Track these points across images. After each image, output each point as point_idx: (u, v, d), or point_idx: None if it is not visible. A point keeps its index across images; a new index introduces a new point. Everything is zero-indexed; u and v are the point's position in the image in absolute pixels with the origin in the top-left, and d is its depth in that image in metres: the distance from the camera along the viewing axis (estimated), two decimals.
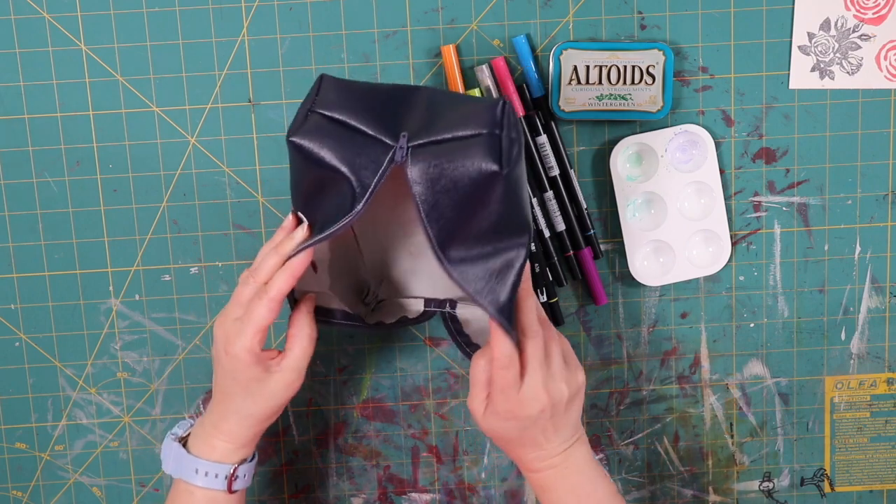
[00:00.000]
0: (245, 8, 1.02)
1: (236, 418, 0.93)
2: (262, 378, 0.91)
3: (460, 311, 1.03)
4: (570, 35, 1.03)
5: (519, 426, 0.91)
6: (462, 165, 0.83)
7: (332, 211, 0.87)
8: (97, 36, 1.02)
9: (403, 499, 1.12)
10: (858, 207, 1.07)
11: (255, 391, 0.91)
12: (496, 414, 0.90)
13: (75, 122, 1.03)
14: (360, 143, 0.85)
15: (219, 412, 0.94)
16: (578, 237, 1.06)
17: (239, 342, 0.89)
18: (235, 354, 0.90)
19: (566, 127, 1.05)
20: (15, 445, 1.10)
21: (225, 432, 0.93)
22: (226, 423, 0.93)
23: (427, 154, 0.84)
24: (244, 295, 0.90)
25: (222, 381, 0.92)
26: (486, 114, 0.86)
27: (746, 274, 1.08)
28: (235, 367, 0.90)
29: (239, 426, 0.93)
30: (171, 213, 1.05)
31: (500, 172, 0.83)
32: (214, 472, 0.93)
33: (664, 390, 1.10)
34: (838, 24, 1.03)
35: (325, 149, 0.85)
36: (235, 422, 0.93)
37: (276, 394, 0.92)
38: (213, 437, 0.94)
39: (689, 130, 1.04)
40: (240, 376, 0.91)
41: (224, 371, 0.91)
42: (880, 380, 1.11)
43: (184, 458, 0.94)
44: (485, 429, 0.93)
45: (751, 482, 1.12)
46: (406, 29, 1.03)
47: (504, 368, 0.88)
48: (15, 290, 1.06)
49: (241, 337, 0.89)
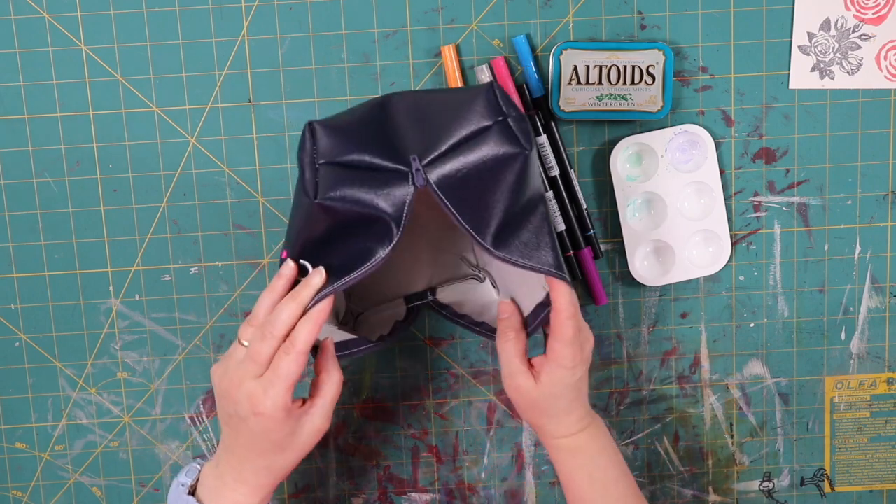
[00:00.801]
0: (245, 8, 1.02)
1: (266, 472, 0.90)
2: (295, 430, 0.89)
3: (442, 295, 1.03)
4: (570, 35, 1.03)
5: (577, 377, 0.94)
6: (483, 160, 0.84)
7: (353, 251, 0.85)
8: (97, 36, 1.02)
9: (403, 499, 1.12)
10: (858, 207, 1.07)
11: (287, 445, 0.89)
12: (562, 369, 0.93)
13: (75, 122, 1.03)
14: (380, 178, 0.83)
15: (245, 468, 0.90)
16: (578, 237, 1.06)
17: (270, 402, 0.86)
18: (269, 415, 0.86)
19: (566, 127, 1.05)
20: (15, 445, 1.10)
21: (252, 486, 0.90)
22: (255, 478, 0.90)
23: (443, 164, 0.83)
24: (264, 353, 0.87)
25: (250, 441, 0.89)
26: (482, 104, 0.86)
27: (746, 274, 1.08)
28: (268, 427, 0.87)
29: (269, 478, 0.90)
30: (171, 213, 1.05)
31: (523, 152, 0.84)
32: None
33: (664, 390, 1.10)
34: (838, 24, 1.03)
35: (353, 197, 0.83)
36: (266, 475, 0.90)
37: (307, 443, 0.90)
38: (236, 491, 0.91)
39: (689, 130, 1.04)
40: (274, 435, 0.88)
41: (252, 432, 0.88)
42: (880, 380, 1.11)
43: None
44: (537, 396, 0.94)
45: (751, 482, 1.12)
46: (406, 29, 1.03)
47: (572, 318, 0.91)
48: (15, 290, 1.06)
49: (272, 396, 0.86)
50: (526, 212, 0.88)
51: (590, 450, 0.97)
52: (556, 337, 0.92)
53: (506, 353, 0.96)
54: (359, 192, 0.83)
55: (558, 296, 0.91)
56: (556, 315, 0.92)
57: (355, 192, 0.83)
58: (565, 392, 0.94)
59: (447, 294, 1.03)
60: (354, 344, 0.99)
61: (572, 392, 0.95)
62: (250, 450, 0.89)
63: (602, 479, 0.96)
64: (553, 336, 0.92)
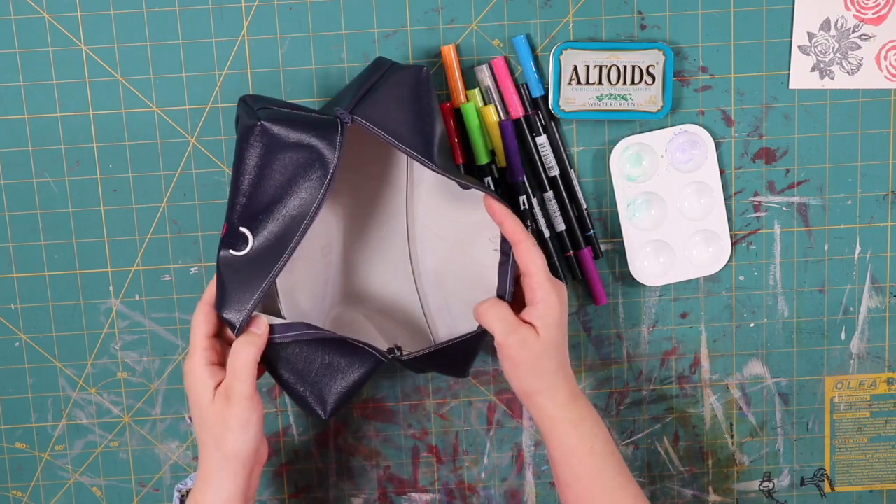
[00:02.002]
0: (245, 8, 1.02)
1: (222, 456, 0.91)
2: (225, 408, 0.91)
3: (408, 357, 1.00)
4: (570, 35, 1.03)
5: (566, 319, 0.96)
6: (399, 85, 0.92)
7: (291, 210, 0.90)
8: (97, 36, 1.02)
9: (403, 499, 1.12)
10: (858, 207, 1.07)
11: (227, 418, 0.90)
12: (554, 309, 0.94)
13: (75, 122, 1.03)
14: (313, 121, 0.90)
15: (208, 455, 0.92)
16: (578, 237, 1.06)
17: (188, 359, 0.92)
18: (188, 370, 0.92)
19: (566, 127, 1.05)
20: (15, 445, 1.10)
21: (224, 471, 0.91)
22: (220, 463, 0.91)
23: (363, 105, 0.91)
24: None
25: (199, 420, 0.91)
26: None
27: (746, 274, 1.08)
28: (195, 389, 0.91)
29: (236, 463, 0.91)
30: (171, 213, 1.05)
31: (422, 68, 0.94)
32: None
33: (664, 390, 1.10)
34: (838, 24, 1.03)
35: (293, 124, 0.89)
36: (225, 460, 0.91)
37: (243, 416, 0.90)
38: (212, 482, 0.91)
39: (689, 130, 1.04)
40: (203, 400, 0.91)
41: (193, 405, 0.92)
42: (880, 380, 1.11)
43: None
44: (541, 348, 0.94)
45: (751, 482, 1.12)
46: (406, 29, 1.03)
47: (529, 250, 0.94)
48: (15, 290, 1.06)
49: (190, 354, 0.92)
50: (443, 141, 0.96)
51: (590, 420, 0.96)
52: (533, 277, 0.94)
53: (495, 315, 0.95)
54: (296, 126, 0.89)
55: (509, 232, 0.95)
56: (520, 255, 0.95)
57: (292, 125, 0.89)
58: (563, 341, 0.96)
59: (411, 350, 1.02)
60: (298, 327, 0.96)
61: (564, 345, 0.96)
62: (202, 429, 0.91)
63: (602, 452, 0.96)
64: (529, 283, 0.94)
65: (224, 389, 0.90)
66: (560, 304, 0.95)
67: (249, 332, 0.90)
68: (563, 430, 0.96)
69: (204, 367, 0.90)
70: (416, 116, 0.93)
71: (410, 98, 0.93)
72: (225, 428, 0.89)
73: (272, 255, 0.90)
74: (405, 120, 0.92)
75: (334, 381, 0.96)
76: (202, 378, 0.90)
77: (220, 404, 0.89)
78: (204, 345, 0.91)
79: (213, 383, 0.90)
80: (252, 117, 0.89)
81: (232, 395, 0.89)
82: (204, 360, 0.91)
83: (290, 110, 0.91)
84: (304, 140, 0.89)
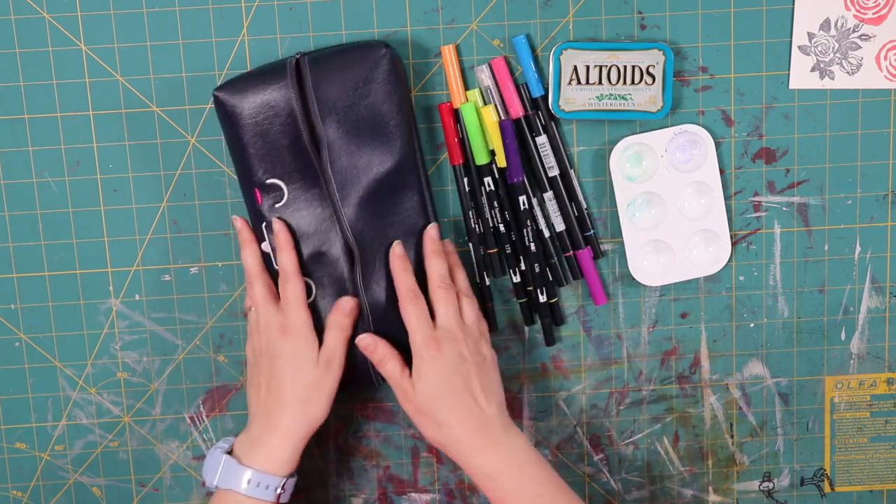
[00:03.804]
0: (245, 8, 1.02)
1: (301, 420, 0.97)
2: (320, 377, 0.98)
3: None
4: (570, 35, 1.03)
5: (450, 371, 0.96)
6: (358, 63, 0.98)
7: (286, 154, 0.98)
8: (97, 36, 1.02)
9: (403, 499, 1.12)
10: (858, 207, 1.07)
11: (318, 387, 0.98)
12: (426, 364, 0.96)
13: (75, 122, 1.03)
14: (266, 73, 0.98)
15: (277, 419, 0.97)
16: (578, 237, 1.06)
17: (294, 316, 0.97)
18: (297, 329, 0.97)
19: (566, 127, 1.05)
20: (15, 445, 1.10)
21: (284, 433, 0.96)
22: (290, 425, 0.97)
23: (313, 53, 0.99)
24: (260, 294, 1.00)
25: (283, 381, 0.97)
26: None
27: (746, 274, 1.08)
28: (299, 351, 0.97)
29: (303, 426, 0.97)
30: (171, 213, 1.05)
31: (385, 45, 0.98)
32: (266, 484, 0.95)
33: (664, 390, 1.10)
34: (838, 24, 1.03)
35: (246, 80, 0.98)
36: (300, 423, 0.97)
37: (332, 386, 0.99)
38: (269, 444, 0.96)
39: (689, 130, 1.04)
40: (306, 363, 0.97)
41: (285, 367, 0.97)
42: (880, 380, 1.11)
43: (233, 467, 0.95)
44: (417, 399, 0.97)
45: (751, 482, 1.12)
46: (406, 29, 1.03)
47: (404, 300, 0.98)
48: (15, 290, 1.06)
49: (292, 315, 0.98)
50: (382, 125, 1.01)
51: (507, 471, 0.95)
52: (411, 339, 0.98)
53: (388, 375, 1.00)
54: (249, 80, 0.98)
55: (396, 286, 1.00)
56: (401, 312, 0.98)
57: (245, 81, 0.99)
58: (443, 394, 0.96)
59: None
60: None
61: (452, 394, 0.96)
62: (282, 394, 0.96)
63: (529, 496, 0.95)
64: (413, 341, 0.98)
65: (325, 358, 0.97)
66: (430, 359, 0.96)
67: (343, 314, 0.99)
68: (481, 483, 0.96)
69: (312, 330, 0.98)
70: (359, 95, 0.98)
71: (363, 78, 0.98)
72: (319, 393, 0.97)
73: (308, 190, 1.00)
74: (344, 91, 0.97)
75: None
76: (312, 341, 0.97)
77: (322, 370, 0.97)
78: (306, 310, 0.98)
79: (316, 349, 0.98)
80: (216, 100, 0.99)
81: (332, 366, 0.97)
82: (309, 325, 0.98)
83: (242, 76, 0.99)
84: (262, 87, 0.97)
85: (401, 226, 1.01)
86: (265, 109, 0.97)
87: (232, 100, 0.98)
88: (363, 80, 0.97)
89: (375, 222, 1.00)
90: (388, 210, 1.00)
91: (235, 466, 0.95)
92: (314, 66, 0.97)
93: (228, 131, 0.99)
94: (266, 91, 0.97)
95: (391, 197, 1.00)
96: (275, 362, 0.97)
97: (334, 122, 0.98)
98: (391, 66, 0.98)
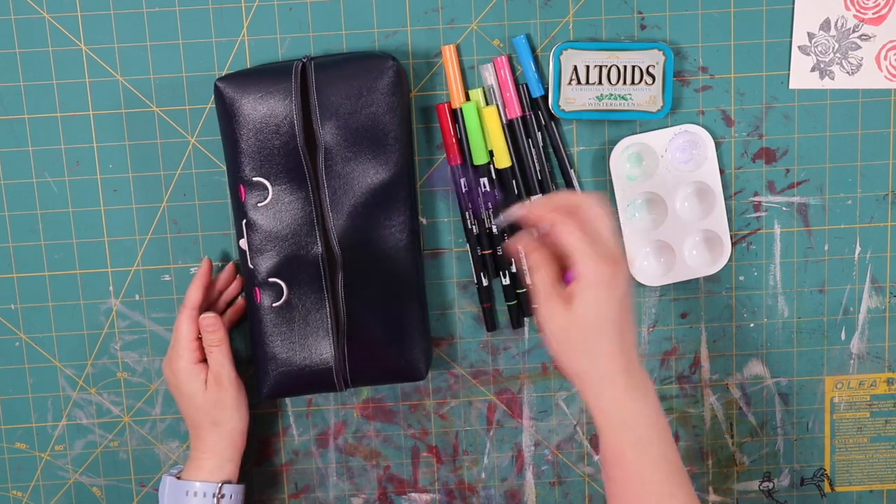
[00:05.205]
0: (245, 8, 1.02)
1: (218, 436, 1.02)
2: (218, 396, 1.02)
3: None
4: (570, 35, 1.03)
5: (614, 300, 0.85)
6: (362, 74, 0.98)
7: (278, 156, 0.99)
8: (97, 36, 1.02)
9: (403, 499, 1.12)
10: (858, 207, 1.07)
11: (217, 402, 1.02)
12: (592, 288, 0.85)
13: (75, 122, 1.03)
14: (270, 72, 0.98)
15: (201, 438, 1.03)
16: None
17: (175, 357, 1.02)
18: (177, 369, 1.02)
19: (566, 127, 1.05)
20: (15, 445, 1.10)
21: (213, 453, 1.02)
22: (213, 444, 1.02)
23: (319, 58, 1.00)
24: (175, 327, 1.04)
25: (188, 408, 1.03)
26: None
27: (746, 274, 1.08)
28: (184, 382, 1.02)
29: (224, 442, 1.03)
30: (171, 213, 1.05)
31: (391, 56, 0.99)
32: (203, 492, 1.00)
33: (664, 390, 1.10)
34: (838, 24, 1.03)
35: (249, 76, 0.98)
36: (219, 439, 1.02)
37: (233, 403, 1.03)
38: (203, 463, 1.02)
39: (689, 130, 1.04)
40: (194, 388, 1.02)
41: (182, 395, 1.03)
42: (880, 380, 1.11)
43: (176, 485, 1.01)
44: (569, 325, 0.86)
45: (751, 482, 1.12)
46: (406, 29, 1.03)
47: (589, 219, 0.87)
48: (15, 290, 1.06)
49: (173, 353, 1.03)
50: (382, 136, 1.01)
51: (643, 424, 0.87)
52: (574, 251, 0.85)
53: (536, 282, 0.88)
54: (251, 76, 0.99)
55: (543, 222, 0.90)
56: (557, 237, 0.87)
57: (248, 77, 0.99)
58: (603, 324, 0.85)
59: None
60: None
61: (611, 327, 0.86)
62: (193, 422, 1.02)
63: (653, 456, 0.87)
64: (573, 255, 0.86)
65: (213, 378, 1.02)
66: (601, 283, 0.85)
67: (210, 332, 1.02)
68: (604, 427, 0.88)
69: (193, 364, 1.02)
70: (360, 105, 0.98)
71: (367, 89, 0.98)
72: (222, 408, 1.02)
73: (293, 191, 1.00)
74: (347, 97, 0.98)
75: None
76: (193, 373, 1.01)
77: (213, 391, 1.01)
78: (191, 346, 1.01)
79: (203, 376, 1.01)
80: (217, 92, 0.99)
81: (222, 381, 1.02)
82: (192, 359, 1.01)
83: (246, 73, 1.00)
84: (265, 85, 0.98)
85: (388, 239, 1.01)
86: (264, 108, 0.97)
87: (233, 93, 0.98)
88: (367, 89, 0.97)
89: (362, 231, 1.00)
90: (377, 221, 1.00)
91: (177, 484, 1.01)
92: (320, 70, 0.97)
93: (224, 123, 0.99)
94: (268, 90, 0.97)
95: (381, 208, 1.00)
96: (176, 398, 1.04)
97: (334, 128, 0.98)
98: (396, 79, 0.98)
